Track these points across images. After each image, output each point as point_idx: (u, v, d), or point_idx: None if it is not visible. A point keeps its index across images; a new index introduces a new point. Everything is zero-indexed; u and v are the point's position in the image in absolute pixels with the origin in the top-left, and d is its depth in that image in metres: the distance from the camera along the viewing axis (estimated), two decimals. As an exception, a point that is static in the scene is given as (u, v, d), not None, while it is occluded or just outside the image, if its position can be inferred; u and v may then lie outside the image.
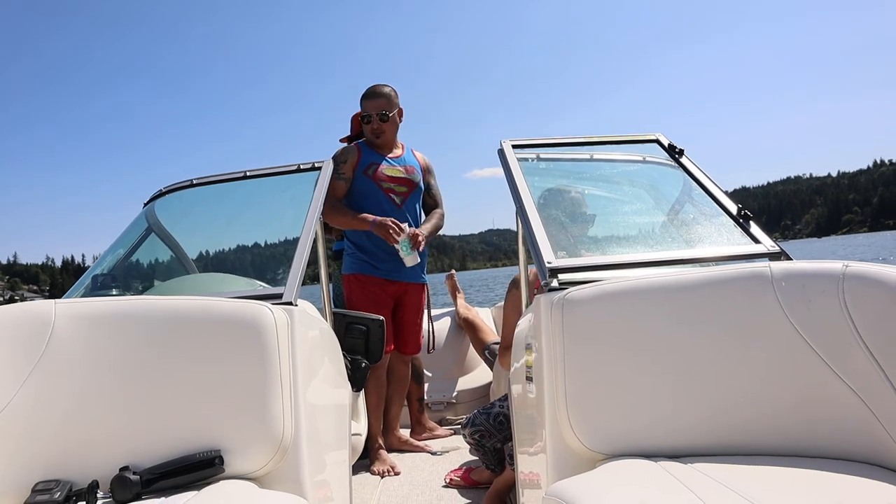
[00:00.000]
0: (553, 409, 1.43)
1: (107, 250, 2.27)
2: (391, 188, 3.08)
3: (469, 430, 2.48)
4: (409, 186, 3.12)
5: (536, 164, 2.23)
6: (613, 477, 1.23)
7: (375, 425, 3.06)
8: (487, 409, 2.49)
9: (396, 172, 3.10)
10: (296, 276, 1.71)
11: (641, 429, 1.37)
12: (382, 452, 3.02)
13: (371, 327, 2.18)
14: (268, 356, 1.39)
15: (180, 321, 1.43)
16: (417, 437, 3.40)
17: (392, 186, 3.08)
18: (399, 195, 3.09)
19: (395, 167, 3.11)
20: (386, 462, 2.96)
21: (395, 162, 3.13)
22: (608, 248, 1.98)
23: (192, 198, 2.35)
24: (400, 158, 3.16)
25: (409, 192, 3.13)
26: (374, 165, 3.07)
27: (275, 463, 1.35)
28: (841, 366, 1.33)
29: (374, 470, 2.92)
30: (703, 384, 1.38)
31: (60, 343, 1.40)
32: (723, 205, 1.94)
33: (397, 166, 3.12)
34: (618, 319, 1.44)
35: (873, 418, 1.30)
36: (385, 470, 2.90)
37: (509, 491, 2.43)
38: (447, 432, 3.52)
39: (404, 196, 3.11)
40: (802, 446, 1.34)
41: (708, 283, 1.46)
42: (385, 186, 3.06)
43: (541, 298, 1.54)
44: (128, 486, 1.25)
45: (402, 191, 3.10)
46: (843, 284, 1.37)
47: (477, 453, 2.56)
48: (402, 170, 3.12)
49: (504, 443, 2.43)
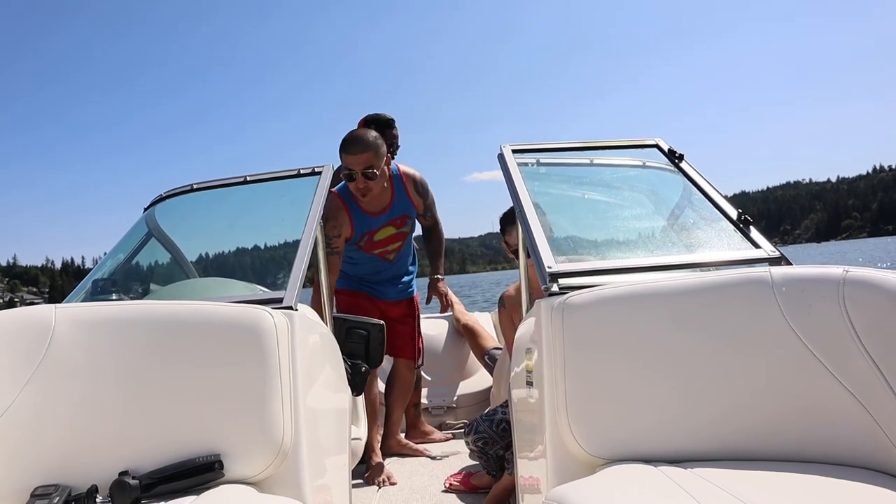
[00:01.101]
0: (553, 414, 1.43)
1: (107, 255, 2.27)
2: (384, 251, 3.00)
3: (472, 438, 2.48)
4: (401, 239, 3.04)
5: (536, 169, 2.23)
6: (613, 482, 1.23)
7: (371, 435, 3.00)
8: (490, 415, 2.49)
9: (388, 233, 2.96)
10: (296, 280, 1.70)
11: (641, 434, 1.37)
12: (379, 462, 2.96)
13: (371, 332, 2.18)
14: (268, 360, 1.39)
15: (180, 326, 1.43)
16: (414, 441, 3.38)
17: (385, 248, 2.99)
18: (392, 252, 3.02)
19: (387, 229, 2.95)
20: (382, 472, 2.89)
21: (385, 218, 2.92)
22: (609, 252, 1.98)
23: (193, 202, 2.35)
24: (390, 210, 2.91)
25: (402, 244, 3.06)
26: (365, 237, 2.90)
27: (275, 467, 1.35)
28: (841, 371, 1.33)
29: (370, 479, 2.86)
30: (704, 389, 1.38)
31: (60, 348, 1.40)
32: (723, 210, 1.94)
33: (389, 227, 2.95)
34: (618, 324, 1.44)
35: (874, 424, 1.29)
36: (381, 480, 2.84)
37: (509, 496, 2.42)
38: (444, 436, 3.51)
39: (397, 251, 3.05)
40: (803, 452, 1.34)
41: (708, 288, 1.46)
42: (378, 251, 2.97)
43: (541, 303, 1.54)
44: (127, 490, 1.25)
45: (394, 247, 3.02)
46: (843, 290, 1.37)
47: (479, 460, 2.55)
48: (393, 228, 2.97)
49: (506, 449, 2.43)
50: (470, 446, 2.52)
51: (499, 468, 2.50)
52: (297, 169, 2.24)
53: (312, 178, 2.16)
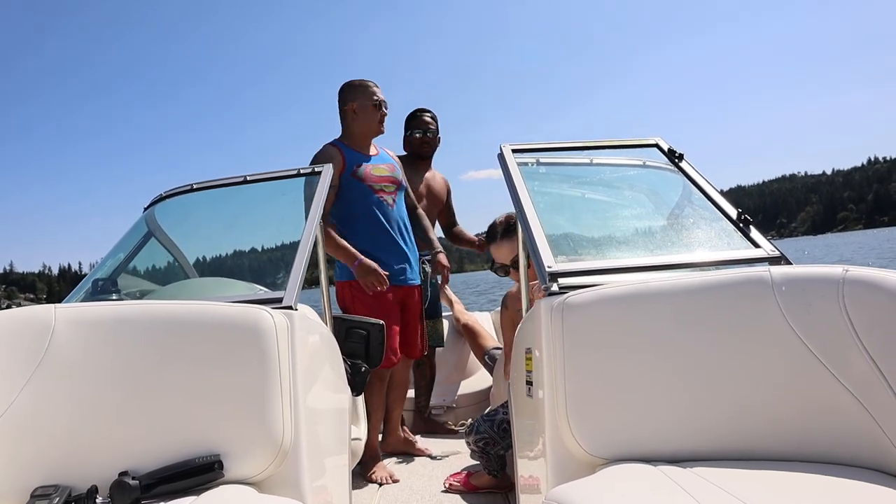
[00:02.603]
0: (553, 414, 1.43)
1: (107, 255, 2.27)
2: (382, 189, 2.99)
3: (473, 438, 2.48)
4: (396, 185, 3.05)
5: (536, 169, 2.23)
6: (613, 481, 1.23)
7: (374, 434, 2.99)
8: (491, 415, 2.49)
9: (382, 171, 3.02)
10: (296, 280, 1.70)
11: (641, 433, 1.37)
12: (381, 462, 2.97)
13: (371, 332, 2.18)
14: (268, 360, 1.39)
15: (180, 326, 1.43)
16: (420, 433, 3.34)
17: (383, 187, 2.99)
18: (390, 195, 3.01)
19: (380, 167, 3.03)
20: (385, 469, 2.91)
21: (378, 160, 3.05)
22: (608, 252, 1.98)
23: (192, 202, 2.35)
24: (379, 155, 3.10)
25: (397, 190, 3.05)
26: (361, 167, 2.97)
27: (274, 467, 1.35)
28: (841, 370, 1.33)
29: (372, 477, 2.86)
30: (703, 389, 1.38)
31: (60, 348, 1.40)
32: (722, 209, 1.94)
33: (381, 167, 3.03)
34: (618, 324, 1.44)
35: (873, 423, 1.29)
36: (384, 477, 2.85)
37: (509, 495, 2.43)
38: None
39: (394, 195, 3.03)
40: (802, 451, 1.34)
41: (708, 287, 1.46)
42: (377, 188, 2.97)
43: (541, 303, 1.54)
44: (127, 491, 1.25)
45: (391, 190, 3.02)
46: (842, 289, 1.37)
47: (480, 460, 2.56)
48: (386, 170, 3.04)
49: (507, 450, 2.43)
50: (471, 446, 2.52)
51: (500, 467, 2.51)
52: (297, 169, 2.24)
53: (312, 178, 2.16)
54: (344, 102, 3.06)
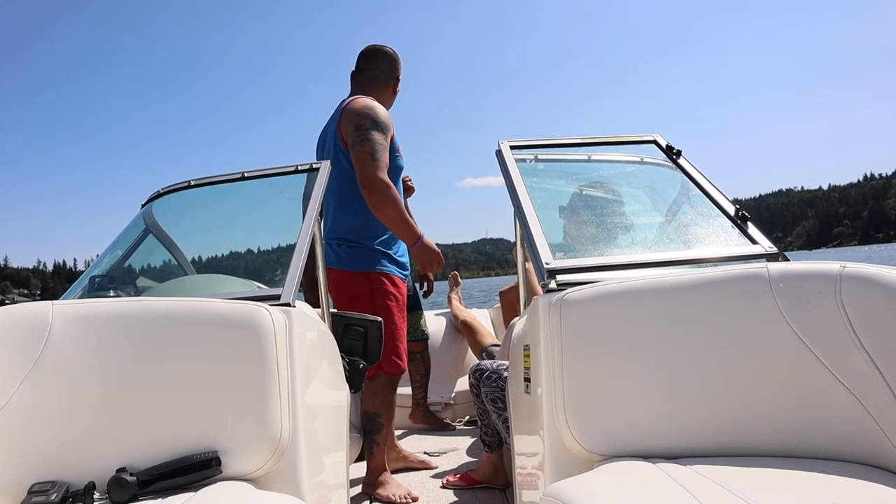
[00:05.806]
0: (551, 410, 1.43)
1: (104, 251, 2.26)
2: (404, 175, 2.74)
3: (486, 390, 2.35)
4: None
5: (534, 165, 2.23)
6: (611, 478, 1.23)
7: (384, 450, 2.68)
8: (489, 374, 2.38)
9: None
10: (294, 277, 1.70)
11: (639, 430, 1.37)
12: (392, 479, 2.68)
13: (369, 329, 2.18)
14: (265, 357, 1.39)
15: (178, 322, 1.43)
16: None
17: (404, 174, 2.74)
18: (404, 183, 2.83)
19: None
20: (401, 487, 2.63)
21: None
22: (606, 248, 1.98)
23: (190, 199, 2.35)
24: None
25: None
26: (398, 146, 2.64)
27: (272, 464, 1.35)
28: (838, 367, 1.34)
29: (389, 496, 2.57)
30: (701, 385, 1.39)
31: (57, 344, 1.40)
32: (720, 205, 1.94)
33: None
34: (616, 320, 1.44)
35: (870, 419, 1.30)
36: (402, 496, 2.57)
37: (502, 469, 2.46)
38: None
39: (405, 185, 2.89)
40: (800, 447, 1.34)
41: (705, 283, 1.46)
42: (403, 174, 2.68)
43: (539, 299, 1.54)
44: (125, 487, 1.25)
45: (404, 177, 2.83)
46: (840, 285, 1.37)
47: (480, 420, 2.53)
48: None
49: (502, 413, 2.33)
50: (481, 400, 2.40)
51: (497, 443, 2.51)
52: (296, 165, 2.23)
53: (310, 175, 2.15)
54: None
